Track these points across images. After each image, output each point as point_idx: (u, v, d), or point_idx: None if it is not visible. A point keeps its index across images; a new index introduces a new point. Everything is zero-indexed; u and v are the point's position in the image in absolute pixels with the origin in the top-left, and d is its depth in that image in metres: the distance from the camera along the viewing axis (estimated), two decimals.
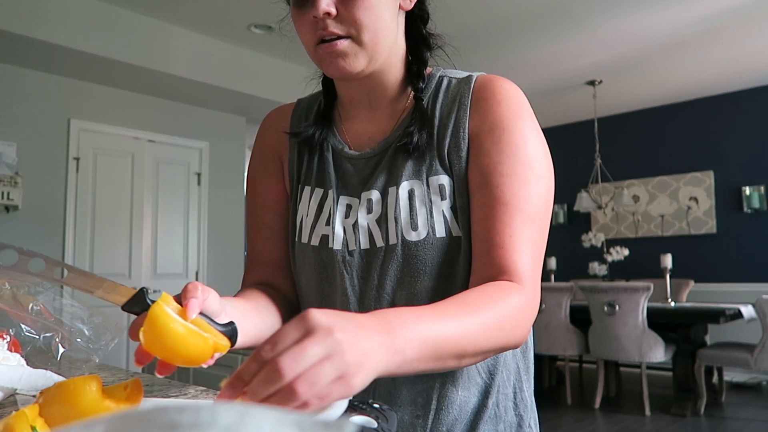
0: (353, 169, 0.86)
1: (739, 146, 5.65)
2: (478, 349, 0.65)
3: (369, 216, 0.82)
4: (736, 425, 4.03)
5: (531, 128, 0.79)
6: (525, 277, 0.72)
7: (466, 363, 0.66)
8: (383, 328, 0.55)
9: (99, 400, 0.58)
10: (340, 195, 0.85)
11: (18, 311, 0.88)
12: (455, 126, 0.80)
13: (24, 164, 3.94)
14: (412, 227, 0.78)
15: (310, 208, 0.86)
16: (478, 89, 0.81)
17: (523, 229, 0.74)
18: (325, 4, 0.74)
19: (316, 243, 0.84)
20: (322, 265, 0.84)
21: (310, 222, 0.86)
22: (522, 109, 0.79)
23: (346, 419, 0.27)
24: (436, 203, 0.79)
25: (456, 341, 0.62)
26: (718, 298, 5.45)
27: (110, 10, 3.85)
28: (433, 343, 0.59)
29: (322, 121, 0.90)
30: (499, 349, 0.69)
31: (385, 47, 0.80)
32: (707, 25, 4.15)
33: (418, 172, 0.80)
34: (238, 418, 0.24)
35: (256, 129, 5.39)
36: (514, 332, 0.69)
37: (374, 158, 0.84)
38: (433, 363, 0.61)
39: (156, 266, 4.70)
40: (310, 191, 0.87)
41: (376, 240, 0.81)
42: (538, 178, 0.77)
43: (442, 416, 0.79)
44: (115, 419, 0.25)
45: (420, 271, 0.78)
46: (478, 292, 0.69)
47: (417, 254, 0.78)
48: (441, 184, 0.79)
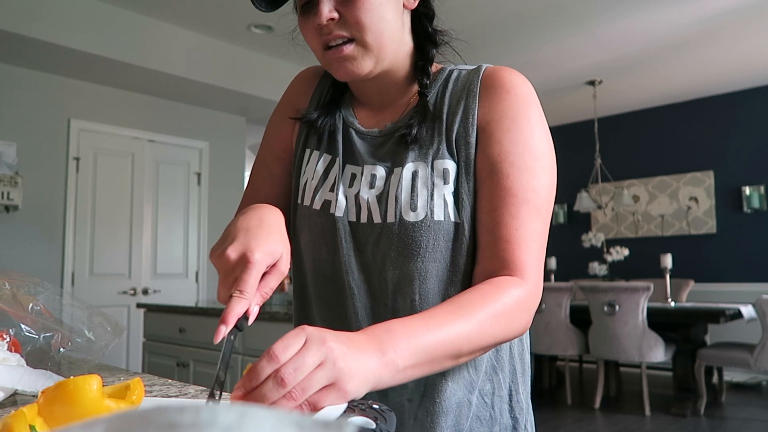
0: (361, 142, 0.87)
1: (739, 146, 5.65)
2: (475, 346, 0.67)
3: (371, 191, 0.83)
4: (736, 425, 4.03)
5: (538, 119, 0.81)
6: (527, 270, 0.74)
7: (464, 360, 0.68)
8: (373, 342, 0.58)
9: (99, 400, 0.58)
10: (346, 163, 0.86)
11: (18, 311, 0.88)
12: (464, 113, 0.81)
13: (24, 164, 3.94)
14: (411, 208, 0.79)
15: (316, 171, 0.87)
16: (486, 78, 0.82)
17: (529, 221, 0.75)
18: (327, 10, 0.76)
19: (318, 207, 0.85)
20: (321, 230, 0.85)
21: (314, 185, 0.86)
22: (530, 99, 0.81)
23: (345, 419, 0.27)
24: (438, 186, 0.79)
25: (449, 344, 0.64)
26: (718, 298, 5.45)
27: (110, 10, 3.85)
28: (424, 350, 0.62)
29: (330, 106, 0.91)
30: (498, 342, 0.71)
31: (390, 47, 0.81)
32: (707, 25, 4.15)
33: (424, 155, 0.81)
34: (238, 418, 0.24)
35: (256, 129, 5.39)
36: (511, 326, 0.71)
37: (381, 138, 0.86)
38: (429, 367, 0.63)
39: (156, 266, 4.70)
40: (318, 155, 0.88)
41: (374, 216, 0.82)
42: (545, 169, 0.78)
43: (427, 403, 0.80)
44: (115, 419, 0.25)
45: (414, 253, 0.79)
46: (473, 292, 0.71)
47: (413, 235, 0.78)
48: (445, 168, 0.80)
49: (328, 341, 0.53)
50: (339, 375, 0.53)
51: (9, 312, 0.87)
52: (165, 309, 3.33)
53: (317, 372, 0.52)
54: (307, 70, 0.99)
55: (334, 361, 0.53)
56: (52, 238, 4.12)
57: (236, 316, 0.61)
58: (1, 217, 3.87)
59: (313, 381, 0.52)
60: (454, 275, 0.79)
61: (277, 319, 2.64)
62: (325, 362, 0.52)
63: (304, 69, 1.00)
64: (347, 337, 0.56)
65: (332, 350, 0.53)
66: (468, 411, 0.81)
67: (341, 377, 0.53)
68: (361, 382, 0.54)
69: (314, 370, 0.52)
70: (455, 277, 0.79)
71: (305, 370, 0.51)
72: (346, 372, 0.53)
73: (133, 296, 4.51)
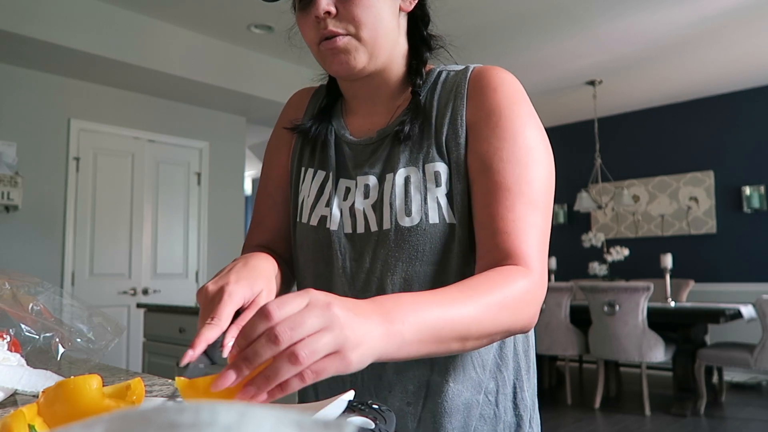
0: (352, 154, 0.88)
1: (739, 146, 5.65)
2: (483, 331, 0.65)
3: (365, 201, 0.83)
4: (735, 425, 4.03)
5: (528, 114, 0.80)
6: (531, 261, 0.72)
7: (471, 346, 0.66)
8: (380, 311, 0.56)
9: (99, 399, 0.58)
10: (339, 177, 0.87)
11: (18, 311, 0.88)
12: (453, 114, 0.82)
13: (24, 164, 3.94)
14: (406, 213, 0.79)
15: (311, 189, 0.88)
16: (474, 78, 0.82)
17: (526, 214, 0.74)
18: (325, 4, 0.77)
19: (315, 223, 0.86)
20: (319, 246, 0.86)
21: (311, 203, 0.88)
22: (517, 95, 0.80)
23: (344, 419, 0.27)
24: (431, 190, 0.79)
25: (457, 323, 0.62)
26: (718, 298, 5.45)
27: (110, 9, 3.85)
28: (432, 326, 0.59)
29: (321, 115, 0.92)
30: (505, 332, 0.69)
31: (385, 46, 0.82)
32: (707, 25, 4.15)
33: (415, 160, 0.82)
34: (238, 418, 0.24)
35: (256, 129, 5.38)
36: (519, 315, 0.69)
37: (372, 146, 0.86)
38: (435, 346, 0.61)
39: (156, 266, 4.70)
40: (313, 173, 0.90)
41: (371, 224, 0.82)
42: (537, 162, 0.77)
43: (431, 406, 0.79)
44: (115, 419, 0.25)
45: (412, 257, 0.79)
46: (482, 277, 0.69)
47: (410, 240, 0.79)
48: (437, 171, 0.80)
49: (333, 307, 0.51)
50: (345, 342, 0.50)
51: (9, 312, 0.87)
52: (165, 309, 3.33)
53: (323, 335, 0.49)
54: (299, 91, 1.01)
55: (341, 327, 0.50)
56: (52, 238, 4.12)
57: (206, 341, 0.60)
58: (1, 217, 3.87)
59: (320, 344, 0.49)
60: (451, 278, 0.79)
61: None
62: (331, 327, 0.50)
63: (292, 95, 1.02)
64: (354, 304, 0.54)
65: (337, 317, 0.50)
66: (476, 411, 0.80)
67: (346, 344, 0.50)
68: (365, 351, 0.52)
69: (320, 333, 0.49)
70: (452, 279, 0.78)
71: (303, 331, 0.48)
72: (352, 339, 0.51)
73: (133, 296, 4.51)
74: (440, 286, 0.77)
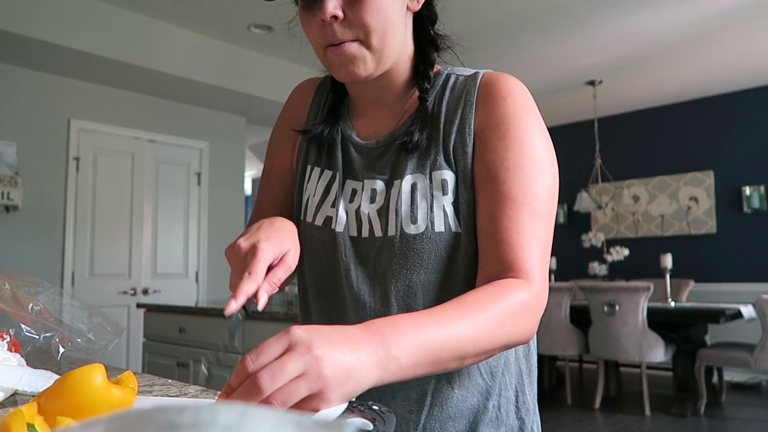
0: (359, 156, 0.87)
1: (739, 146, 5.65)
2: (480, 349, 0.65)
3: (371, 205, 0.83)
4: (735, 425, 4.03)
5: (536, 124, 0.79)
6: (532, 273, 0.72)
7: (469, 363, 0.66)
8: (374, 338, 0.56)
9: (106, 388, 0.59)
10: (346, 179, 0.86)
11: (18, 311, 0.88)
12: (461, 122, 0.81)
13: (24, 164, 3.94)
14: (411, 220, 0.78)
15: (317, 188, 0.87)
16: (483, 86, 0.81)
17: (530, 225, 0.74)
18: (332, 7, 0.73)
19: (320, 223, 0.85)
20: (323, 246, 0.85)
21: (316, 202, 0.87)
22: (527, 105, 0.80)
23: (344, 420, 0.27)
24: (438, 198, 0.79)
25: (454, 343, 0.62)
26: (718, 298, 5.45)
27: (110, 9, 3.85)
28: (429, 348, 0.59)
29: (331, 117, 0.91)
30: (504, 347, 0.69)
31: (393, 49, 0.80)
32: (707, 25, 4.15)
33: (422, 167, 0.81)
34: (238, 418, 0.24)
35: (256, 129, 5.38)
36: (517, 328, 0.68)
37: (379, 149, 0.85)
38: (433, 367, 0.61)
39: (156, 266, 4.70)
40: (319, 172, 0.88)
41: (375, 230, 0.81)
42: (544, 173, 0.77)
43: (436, 413, 0.79)
44: (115, 419, 0.25)
45: (417, 265, 0.78)
46: (479, 292, 0.69)
47: (414, 247, 0.78)
48: (443, 179, 0.79)
49: (314, 348, 0.50)
50: (323, 386, 0.50)
51: (9, 312, 0.87)
52: (165, 309, 3.34)
53: (298, 382, 0.49)
54: (302, 83, 0.99)
55: (318, 371, 0.50)
56: (52, 238, 4.12)
57: (246, 294, 0.64)
58: (1, 217, 3.87)
59: (293, 393, 0.49)
60: (457, 286, 0.78)
61: (277, 319, 2.64)
62: (308, 373, 0.50)
63: (300, 83, 1.00)
64: (343, 336, 0.54)
65: (318, 359, 0.50)
66: (480, 416, 0.80)
67: (325, 388, 0.50)
68: (353, 386, 0.52)
69: (295, 380, 0.49)
70: (458, 287, 0.78)
71: (284, 377, 0.49)
72: (332, 382, 0.51)
73: (133, 296, 4.51)
74: (445, 294, 0.77)
